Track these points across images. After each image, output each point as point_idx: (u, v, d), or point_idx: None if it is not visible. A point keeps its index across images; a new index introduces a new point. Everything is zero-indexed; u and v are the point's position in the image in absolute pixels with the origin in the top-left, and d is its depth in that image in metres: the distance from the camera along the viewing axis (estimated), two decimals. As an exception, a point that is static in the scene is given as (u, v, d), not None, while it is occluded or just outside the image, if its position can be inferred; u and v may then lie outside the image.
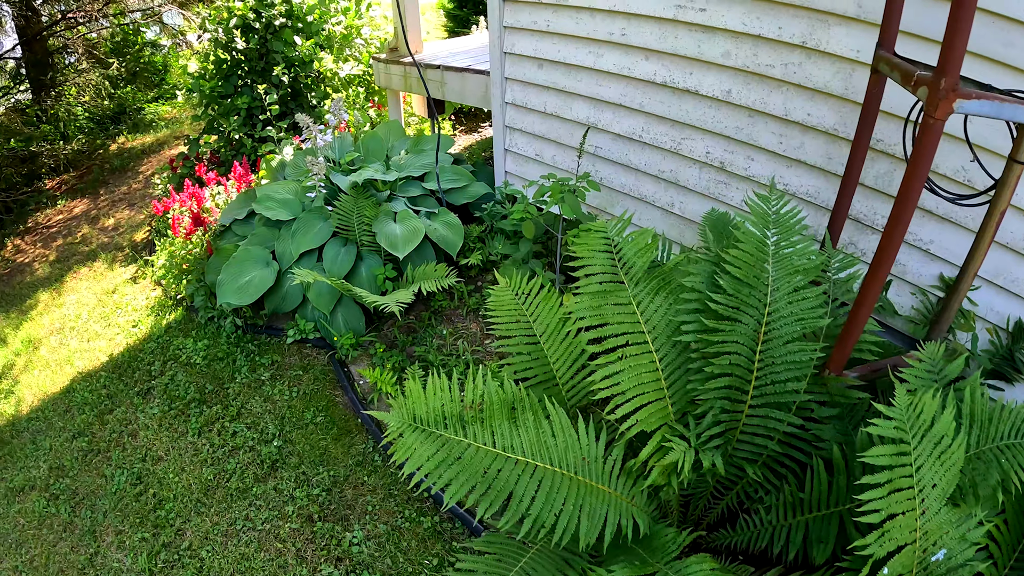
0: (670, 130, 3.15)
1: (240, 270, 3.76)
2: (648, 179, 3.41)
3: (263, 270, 3.79)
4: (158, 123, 8.74)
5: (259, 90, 5.30)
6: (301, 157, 4.64)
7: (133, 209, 6.69)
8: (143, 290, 5.03)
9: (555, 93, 3.71)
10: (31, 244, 6.58)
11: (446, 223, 3.96)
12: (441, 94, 5.08)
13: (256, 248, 3.89)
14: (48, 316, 5.14)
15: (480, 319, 3.76)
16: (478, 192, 4.33)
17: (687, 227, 3.29)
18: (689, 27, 2.87)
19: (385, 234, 3.68)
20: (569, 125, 3.73)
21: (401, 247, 3.62)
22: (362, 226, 3.87)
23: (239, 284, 3.72)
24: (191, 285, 4.23)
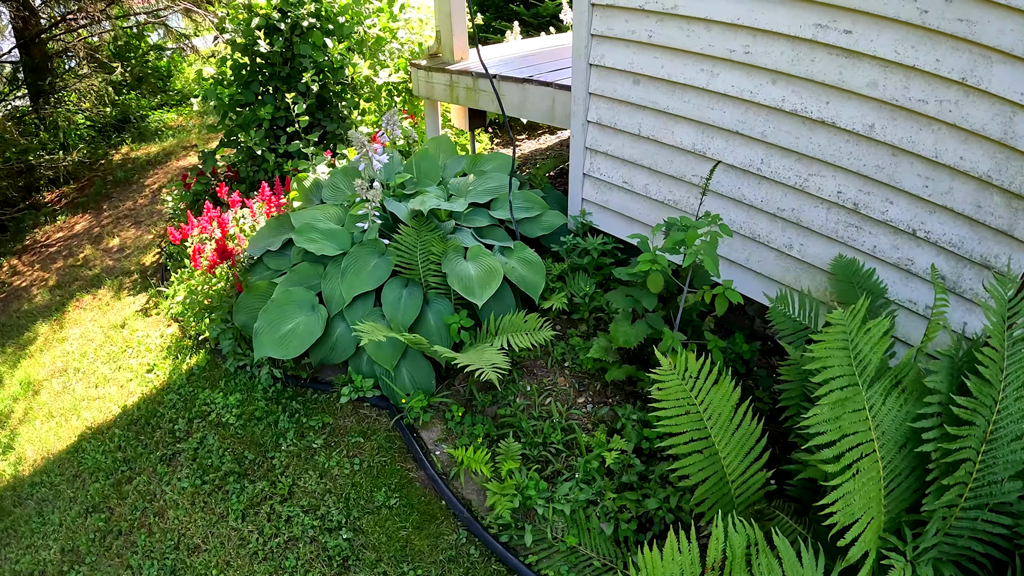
0: (795, 164, 2.75)
1: (281, 316, 3.21)
2: (763, 217, 2.98)
3: (308, 316, 3.23)
4: (164, 132, 8.16)
5: (287, 98, 4.73)
6: (341, 178, 4.09)
7: (140, 228, 6.12)
8: (156, 326, 4.46)
9: (653, 114, 3.22)
10: (29, 265, 6.00)
11: (524, 260, 3.43)
12: (495, 108, 4.53)
13: (298, 289, 3.33)
14: (49, 353, 4.57)
15: (567, 372, 3.22)
16: (554, 223, 3.80)
17: (804, 271, 2.89)
18: (829, 50, 2.50)
19: (458, 275, 3.14)
20: (668, 151, 3.24)
21: (479, 292, 3.08)
22: (428, 264, 3.33)
23: (280, 333, 3.16)
24: (216, 326, 3.67)
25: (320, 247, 3.39)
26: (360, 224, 3.56)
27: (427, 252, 3.31)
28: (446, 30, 4.88)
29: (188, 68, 8.99)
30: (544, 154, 6.26)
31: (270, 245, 3.76)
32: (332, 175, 4.13)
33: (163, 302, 4.56)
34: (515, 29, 7.12)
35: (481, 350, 2.96)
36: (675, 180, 3.23)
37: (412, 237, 3.30)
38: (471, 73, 4.61)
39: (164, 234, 5.80)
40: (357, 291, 3.23)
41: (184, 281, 4.07)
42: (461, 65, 4.83)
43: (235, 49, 5.06)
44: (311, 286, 3.42)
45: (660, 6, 2.95)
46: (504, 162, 4.22)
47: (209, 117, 8.38)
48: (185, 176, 5.38)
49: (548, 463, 2.84)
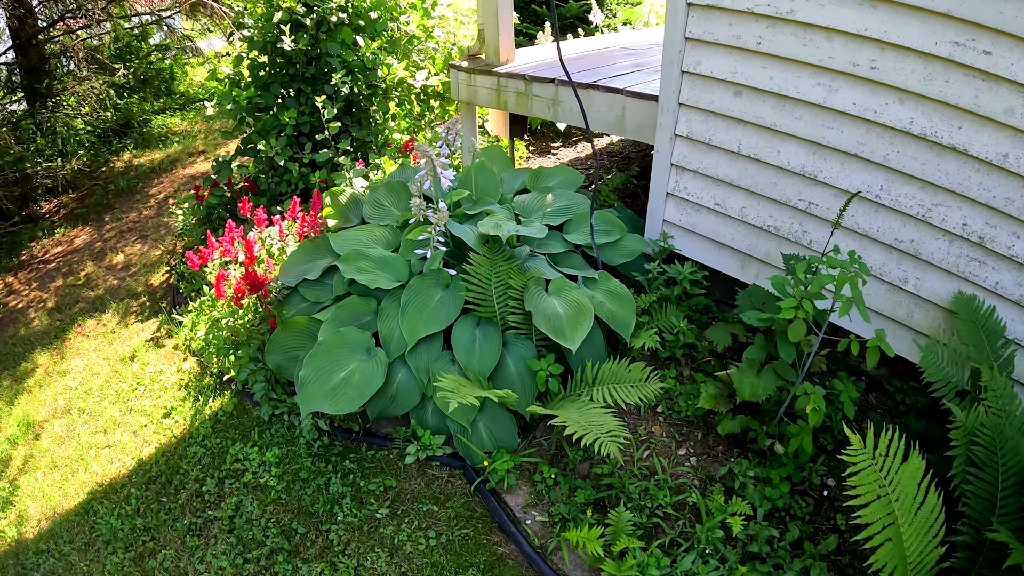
0: (919, 192, 2.47)
1: (331, 362, 2.72)
2: (877, 248, 2.66)
3: (364, 362, 2.76)
4: (169, 138, 7.65)
5: (316, 102, 4.24)
6: (384, 193, 3.62)
7: (146, 242, 5.62)
8: (170, 359, 3.96)
9: (756, 130, 2.82)
10: (25, 283, 5.49)
11: (610, 293, 2.96)
12: (553, 115, 4.07)
13: (351, 330, 2.85)
14: (49, 388, 4.06)
15: (662, 419, 2.76)
16: (635, 248, 3.34)
17: (917, 307, 2.62)
18: (966, 71, 2.24)
19: (544, 314, 2.67)
20: (772, 172, 2.84)
21: (569, 333, 2.62)
22: (504, 299, 2.86)
23: (332, 384, 2.68)
24: (244, 366, 3.19)
25: (373, 278, 2.91)
26: (419, 251, 3.08)
27: (504, 285, 2.84)
28: (491, 28, 4.41)
29: (193, 70, 8.47)
30: (585, 163, 5.79)
31: (306, 272, 3.27)
32: (372, 190, 3.65)
33: (177, 332, 4.06)
34: (546, 30, 6.65)
35: (584, 408, 2.52)
36: (777, 204, 2.87)
37: (486, 268, 2.83)
38: (523, 76, 4.14)
39: (173, 250, 5.31)
40: (422, 332, 2.77)
41: (204, 312, 3.58)
42: (509, 67, 4.36)
43: (252, 47, 4.56)
44: (363, 324, 2.94)
45: (774, 10, 2.56)
46: (570, 177, 3.77)
47: (216, 122, 7.89)
48: (197, 187, 4.89)
49: (658, 529, 2.40)
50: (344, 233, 3.35)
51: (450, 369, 2.82)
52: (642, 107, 3.53)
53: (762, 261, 3.02)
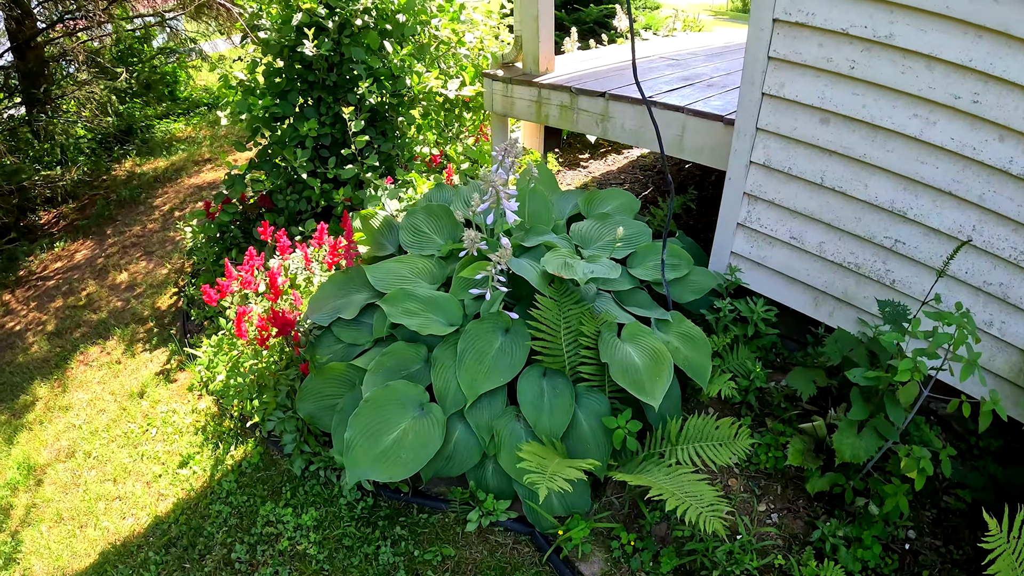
0: (1012, 235, 2.29)
1: (380, 421, 2.40)
2: (964, 290, 2.47)
3: (417, 420, 2.44)
4: (173, 144, 7.29)
5: (343, 112, 3.91)
6: (423, 218, 3.30)
7: (151, 259, 5.27)
8: (183, 396, 3.63)
9: (843, 161, 2.59)
10: (23, 302, 5.14)
11: (685, 336, 2.66)
12: (601, 131, 3.77)
13: (401, 384, 2.53)
14: (51, 426, 3.72)
15: (738, 472, 2.48)
16: (704, 284, 3.04)
17: (1000, 351, 2.44)
18: None
19: (621, 366, 2.38)
20: (856, 207, 2.63)
21: (649, 387, 2.33)
22: (575, 347, 2.55)
23: (382, 447, 2.35)
24: (271, 413, 2.86)
25: (424, 323, 2.58)
26: (474, 291, 2.75)
27: (574, 332, 2.53)
28: (530, 35, 4.09)
29: (198, 73, 8.11)
30: (619, 177, 5.47)
31: (340, 310, 2.94)
32: (409, 213, 3.32)
33: (191, 366, 3.73)
34: (573, 36, 6.33)
35: (673, 474, 2.26)
36: (860, 241, 2.67)
37: (554, 312, 2.52)
38: (569, 89, 3.83)
39: (181, 269, 4.97)
40: (484, 386, 2.46)
41: (222, 350, 3.24)
42: (551, 78, 4.05)
43: (269, 51, 4.22)
44: (411, 374, 2.62)
45: (871, 32, 2.31)
46: (627, 202, 3.46)
47: (222, 128, 7.53)
48: (207, 203, 4.55)
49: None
50: (381, 265, 3.02)
51: (515, 427, 2.53)
52: (703, 127, 3.27)
53: (837, 299, 2.81)
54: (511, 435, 2.51)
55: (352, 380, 2.78)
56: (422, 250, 3.21)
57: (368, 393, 2.49)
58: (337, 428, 2.68)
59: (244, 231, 4.44)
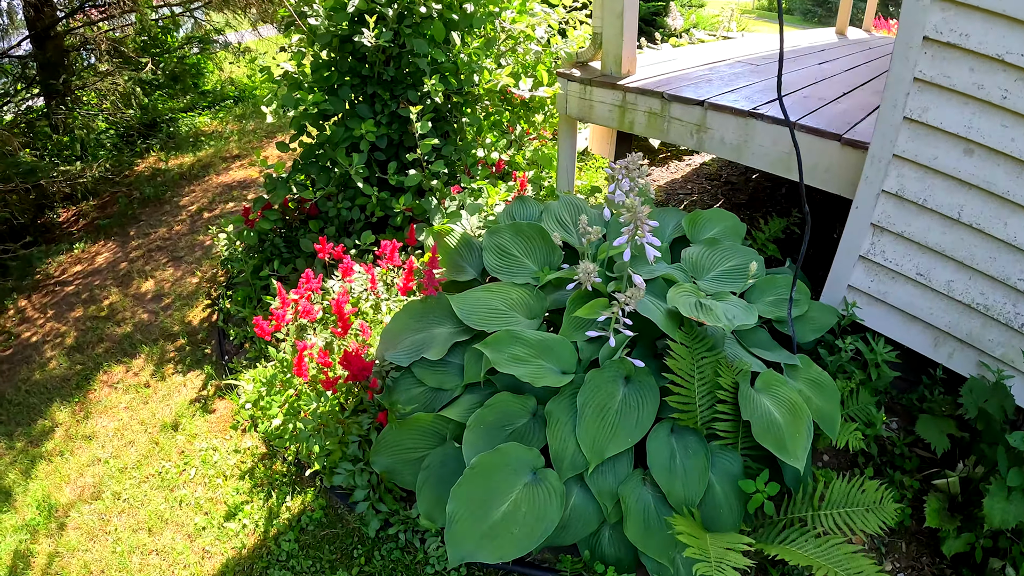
0: None
1: (487, 491, 1.99)
2: None
3: (530, 487, 2.05)
4: (199, 139, 6.86)
5: (403, 112, 3.48)
6: (509, 237, 2.87)
7: (180, 266, 4.84)
8: (223, 430, 3.20)
9: (984, 197, 2.36)
10: (40, 310, 4.71)
11: (813, 383, 2.37)
12: (696, 143, 3.36)
13: (513, 447, 2.12)
14: (73, 458, 3.30)
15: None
16: (825, 322, 2.76)
17: None
18: None
19: (762, 421, 2.10)
20: (993, 246, 2.40)
21: (791, 447, 2.10)
22: (708, 399, 2.16)
23: (490, 521, 1.95)
24: (339, 464, 2.42)
25: (535, 372, 2.16)
26: (592, 333, 2.33)
27: (709, 383, 2.12)
28: (613, 33, 3.66)
29: (229, 66, 7.66)
30: (685, 187, 5.03)
31: (422, 348, 2.52)
32: (493, 232, 2.89)
33: (232, 397, 3.30)
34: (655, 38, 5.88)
35: (826, 545, 1.93)
36: (992, 281, 2.47)
37: (687, 361, 2.11)
38: (660, 95, 3.41)
39: (214, 279, 4.54)
40: (611, 449, 2.10)
41: (276, 387, 2.80)
42: (635, 81, 3.65)
43: (320, 40, 3.78)
44: (517, 431, 2.21)
45: None
46: (732, 225, 3.08)
47: (250, 123, 7.11)
48: (246, 210, 4.12)
49: None
50: (469, 295, 2.59)
51: (642, 493, 2.19)
52: (816, 146, 2.95)
53: (960, 340, 2.61)
54: (638, 502, 2.17)
55: (440, 433, 2.37)
56: (512, 276, 2.78)
57: (474, 459, 2.09)
58: (423, 487, 2.30)
59: (286, 240, 4.01)
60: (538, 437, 2.30)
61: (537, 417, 2.35)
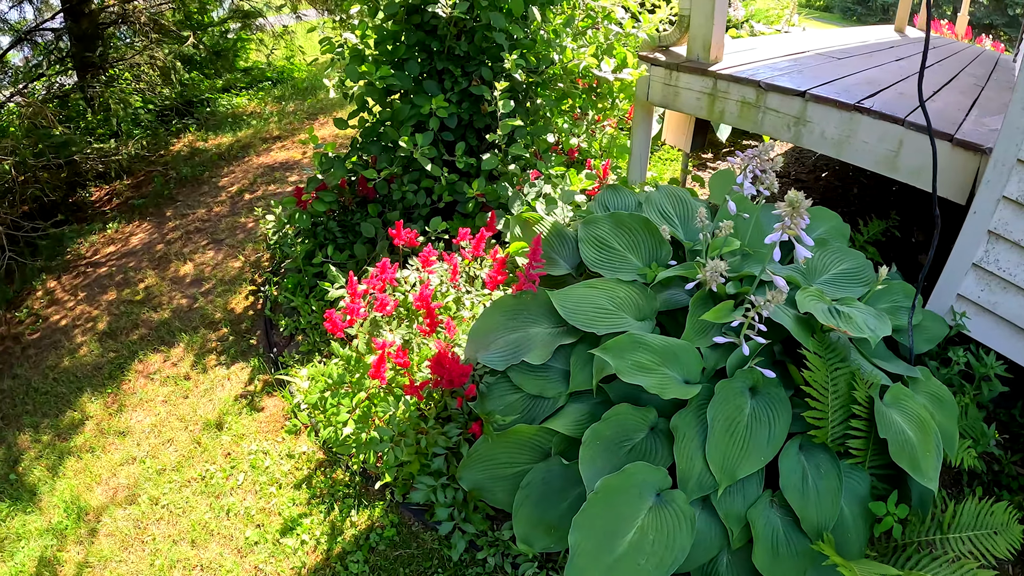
0: None
1: (612, 518, 1.71)
2: None
3: (656, 511, 1.81)
4: (240, 121, 6.56)
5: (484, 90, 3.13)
6: (609, 227, 2.53)
7: (220, 249, 4.53)
8: (274, 432, 2.87)
9: None
10: (70, 291, 4.41)
11: (934, 398, 2.21)
12: (793, 136, 3.07)
13: (641, 468, 1.82)
14: (105, 456, 2.98)
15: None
16: (937, 333, 2.49)
17: None
18: None
19: (897, 438, 1.89)
20: None
21: (924, 466, 1.87)
22: (840, 414, 1.94)
23: (616, 553, 1.69)
24: (419, 478, 2.07)
25: (662, 382, 1.86)
26: (720, 339, 2.00)
27: (842, 397, 1.91)
28: (702, 16, 3.32)
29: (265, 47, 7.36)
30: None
31: (518, 349, 2.18)
32: (590, 223, 2.53)
33: (284, 394, 2.97)
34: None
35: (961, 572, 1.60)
36: None
37: (823, 373, 1.85)
38: (757, 83, 3.11)
39: (258, 264, 4.22)
40: (744, 468, 1.85)
41: (344, 390, 2.45)
42: (727, 68, 3.32)
43: (385, 10, 3.45)
44: (636, 448, 1.89)
45: None
46: (836, 225, 2.87)
47: (290, 103, 6.81)
48: (299, 191, 3.79)
49: None
50: (571, 291, 2.24)
51: (771, 517, 1.91)
52: (926, 146, 2.62)
53: None
54: (766, 526, 1.90)
55: (541, 447, 2.04)
56: (614, 272, 2.44)
57: (598, 482, 1.77)
58: (520, 507, 2.00)
59: (341, 224, 3.67)
60: (661, 454, 2.01)
61: (656, 432, 2.06)
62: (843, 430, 2.01)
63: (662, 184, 2.92)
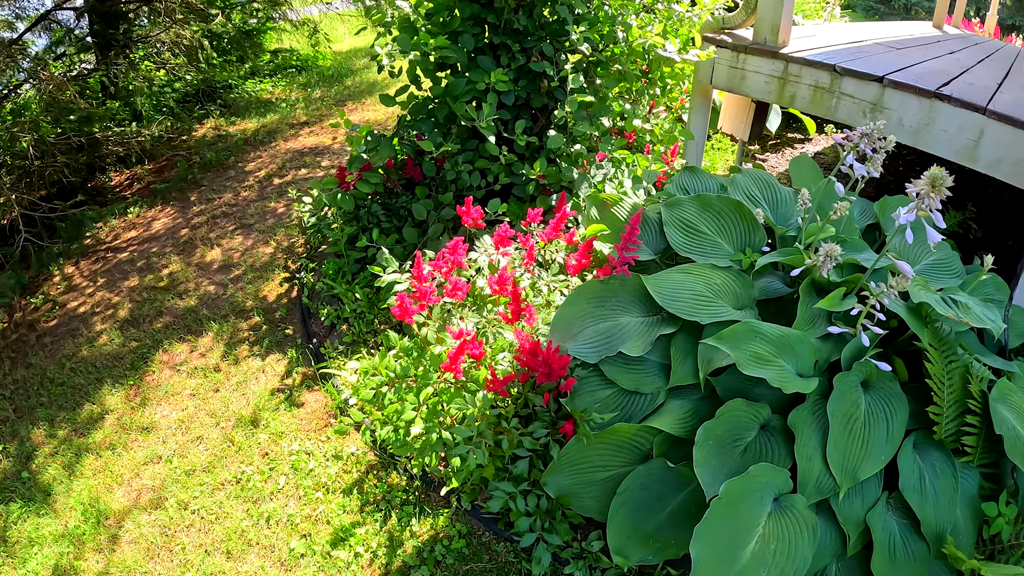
0: None
1: (734, 527, 1.62)
2: None
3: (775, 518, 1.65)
4: (264, 106, 6.32)
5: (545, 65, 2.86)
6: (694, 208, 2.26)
7: (249, 234, 4.26)
8: (316, 429, 2.59)
9: None
10: (89, 277, 4.15)
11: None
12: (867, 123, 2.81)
13: (765, 470, 1.68)
14: (127, 454, 2.70)
15: None
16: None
17: None
18: None
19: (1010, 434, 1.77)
20: None
21: None
22: (954, 409, 1.82)
23: (739, 565, 1.63)
24: (496, 484, 1.78)
25: (781, 375, 1.71)
26: (835, 329, 1.77)
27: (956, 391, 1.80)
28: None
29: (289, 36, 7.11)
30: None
31: (610, 339, 1.90)
32: (673, 205, 2.27)
33: (330, 391, 2.69)
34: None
35: None
36: None
37: (939, 366, 1.67)
38: (831, 67, 2.97)
39: (291, 249, 3.95)
40: (866, 469, 1.72)
41: (408, 385, 2.16)
42: (798, 52, 3.10)
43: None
44: (747, 447, 1.64)
45: None
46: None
47: (316, 90, 6.56)
48: (342, 170, 3.52)
49: None
50: (666, 277, 1.98)
51: (888, 520, 1.78)
52: (1008, 136, 2.49)
53: None
54: (883, 531, 1.76)
55: (640, 448, 1.80)
56: (705, 257, 2.18)
57: (722, 487, 1.56)
58: (615, 515, 1.80)
59: (385, 208, 3.39)
60: (774, 454, 1.77)
61: (767, 430, 1.89)
62: (956, 426, 1.87)
63: (746, 168, 2.64)
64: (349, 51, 8.36)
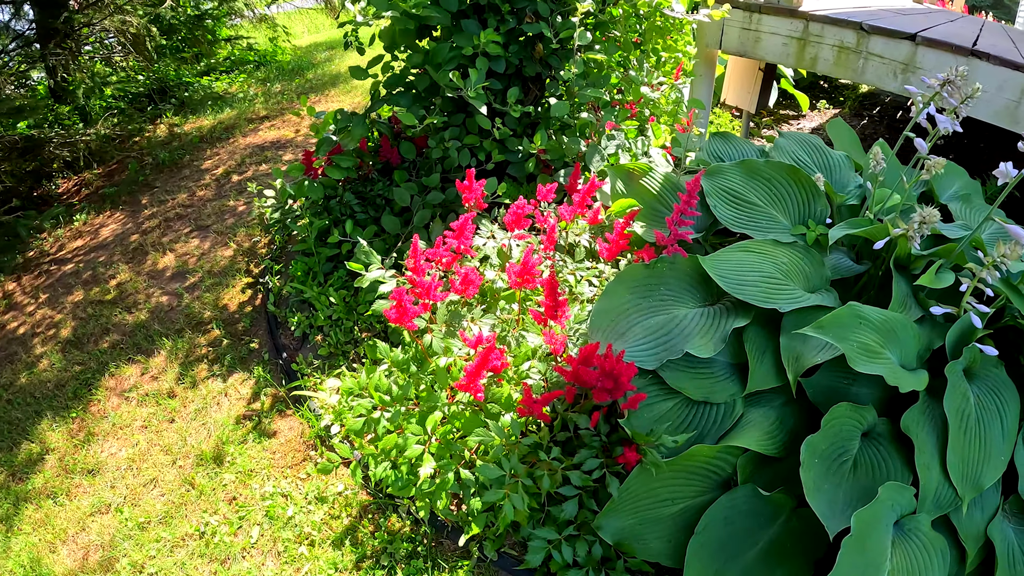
0: None
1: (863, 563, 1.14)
2: None
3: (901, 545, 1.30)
4: (220, 103, 5.81)
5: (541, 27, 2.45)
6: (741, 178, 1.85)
7: (206, 236, 3.78)
8: (293, 462, 2.15)
9: None
10: (30, 294, 3.65)
11: None
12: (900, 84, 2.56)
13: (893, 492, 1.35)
14: (71, 504, 2.24)
15: None
16: None
17: None
18: None
19: None
20: None
21: None
22: None
23: None
24: (538, 529, 1.36)
25: (893, 371, 1.28)
26: (938, 310, 1.38)
27: None
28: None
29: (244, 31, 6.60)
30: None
31: (669, 339, 1.49)
32: (715, 173, 1.88)
33: (305, 415, 2.24)
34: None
35: None
36: None
37: None
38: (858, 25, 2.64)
39: (252, 250, 3.49)
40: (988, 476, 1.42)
41: (410, 410, 1.72)
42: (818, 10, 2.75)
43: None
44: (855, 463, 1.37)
45: None
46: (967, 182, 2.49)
47: (275, 84, 6.06)
48: (308, 155, 3.06)
49: None
50: (724, 257, 1.57)
51: (1004, 529, 1.47)
52: None
53: None
54: (1003, 542, 1.46)
55: (717, 474, 1.40)
56: (762, 232, 1.79)
57: (852, 518, 1.21)
58: (693, 559, 1.38)
59: (360, 196, 2.95)
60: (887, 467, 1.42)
61: (871, 437, 1.54)
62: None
63: (786, 131, 2.24)
64: (309, 46, 7.86)
